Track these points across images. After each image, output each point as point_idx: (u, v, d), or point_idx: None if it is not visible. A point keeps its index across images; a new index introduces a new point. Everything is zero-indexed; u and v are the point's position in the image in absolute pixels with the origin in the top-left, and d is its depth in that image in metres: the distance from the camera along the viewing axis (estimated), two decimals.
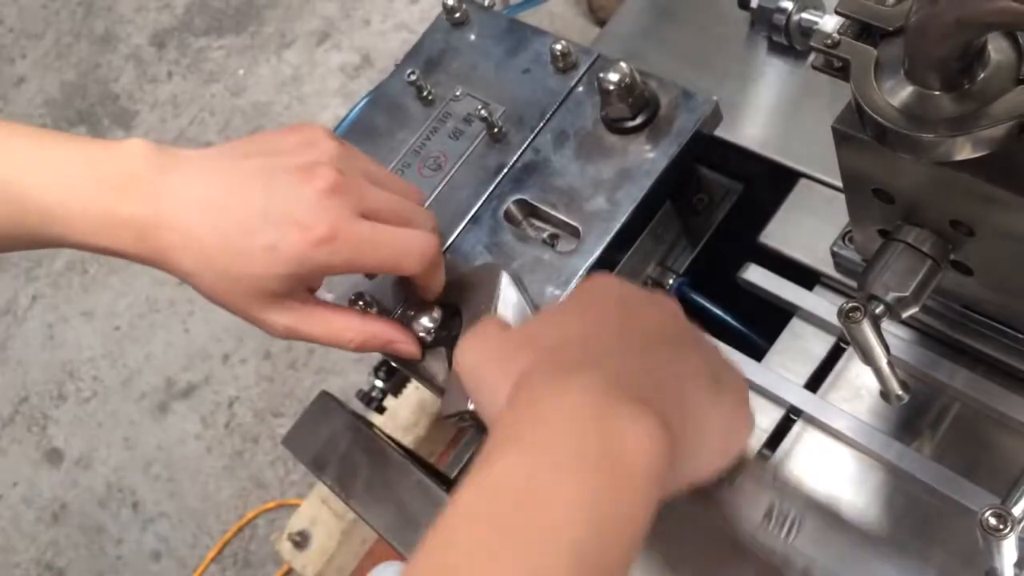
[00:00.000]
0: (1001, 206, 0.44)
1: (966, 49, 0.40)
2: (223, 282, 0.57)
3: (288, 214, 0.55)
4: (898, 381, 0.55)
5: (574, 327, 0.47)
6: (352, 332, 0.61)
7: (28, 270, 2.24)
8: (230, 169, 0.57)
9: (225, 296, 0.58)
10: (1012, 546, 0.45)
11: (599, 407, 0.40)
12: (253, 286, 0.57)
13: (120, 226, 0.56)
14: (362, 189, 0.58)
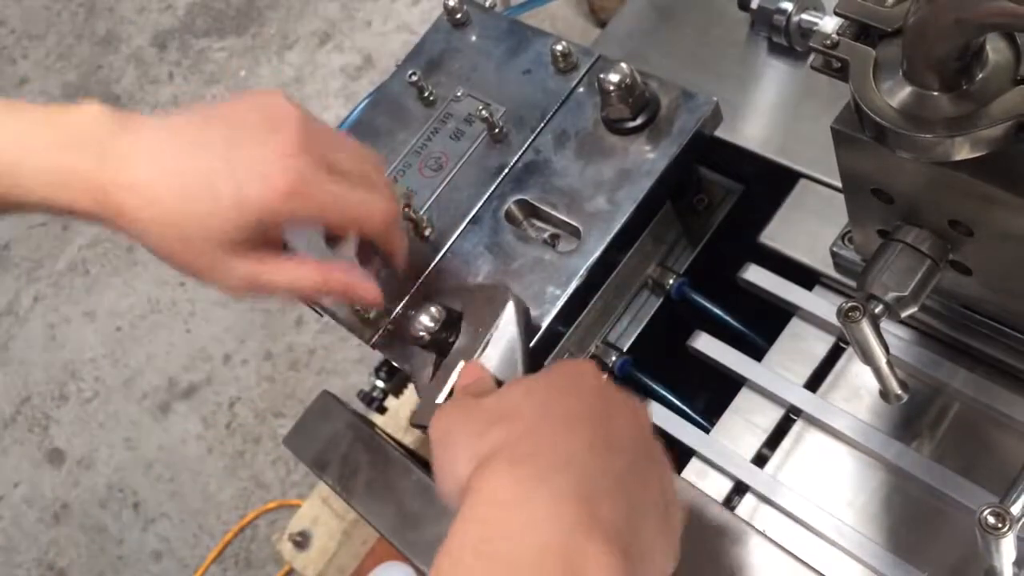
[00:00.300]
0: (999, 206, 0.44)
1: (964, 50, 0.40)
2: (181, 238, 0.56)
3: (254, 167, 0.55)
4: (897, 381, 0.55)
5: (548, 419, 0.47)
6: (310, 277, 0.60)
7: (30, 271, 2.24)
8: (190, 130, 0.57)
9: (183, 252, 0.57)
10: (1011, 545, 0.45)
11: (566, 543, 0.41)
12: (214, 238, 0.56)
13: (77, 185, 0.56)
14: (325, 148, 0.58)
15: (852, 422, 0.61)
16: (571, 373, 0.51)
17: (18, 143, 0.56)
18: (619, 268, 0.69)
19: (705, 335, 0.68)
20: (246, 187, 0.54)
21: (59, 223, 2.29)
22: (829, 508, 0.60)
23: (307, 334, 1.95)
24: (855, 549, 0.58)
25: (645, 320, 0.73)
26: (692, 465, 0.65)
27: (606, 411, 0.49)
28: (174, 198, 0.55)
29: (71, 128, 0.56)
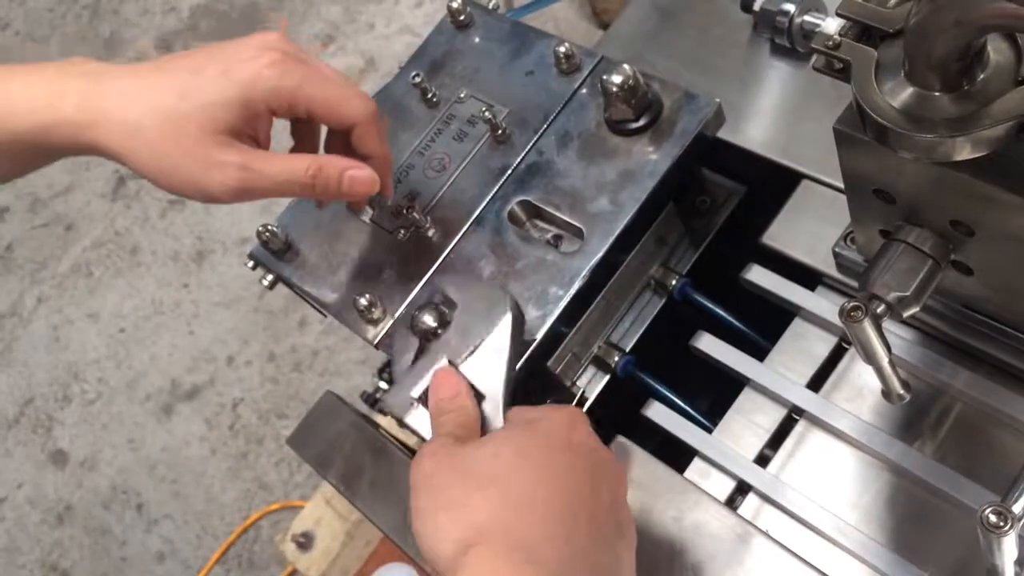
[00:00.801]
0: (1001, 206, 0.45)
1: (966, 50, 0.40)
2: (166, 141, 0.56)
3: (237, 52, 0.58)
4: (900, 381, 0.55)
5: (539, 492, 0.49)
6: (305, 164, 0.60)
7: (33, 272, 2.25)
8: (166, 59, 0.60)
9: (172, 159, 0.57)
10: (1012, 544, 0.45)
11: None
12: (201, 123, 0.56)
13: (61, 127, 0.57)
14: (305, 54, 0.60)
15: (854, 422, 0.61)
16: (562, 432, 0.53)
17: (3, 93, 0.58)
18: (622, 269, 0.69)
19: (707, 335, 0.69)
20: (230, 66, 0.57)
21: (62, 224, 2.30)
22: (831, 508, 0.60)
23: (310, 335, 1.95)
24: (857, 549, 0.58)
25: (648, 320, 0.73)
26: (695, 465, 0.65)
27: (594, 483, 0.51)
28: (159, 91, 0.57)
29: (53, 75, 0.58)
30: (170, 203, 2.25)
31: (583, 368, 0.71)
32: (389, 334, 0.68)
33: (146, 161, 0.57)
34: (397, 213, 0.72)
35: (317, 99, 0.60)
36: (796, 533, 0.60)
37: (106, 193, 2.32)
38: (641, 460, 0.64)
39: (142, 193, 2.29)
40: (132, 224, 2.25)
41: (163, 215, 2.23)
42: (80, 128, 0.57)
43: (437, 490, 0.51)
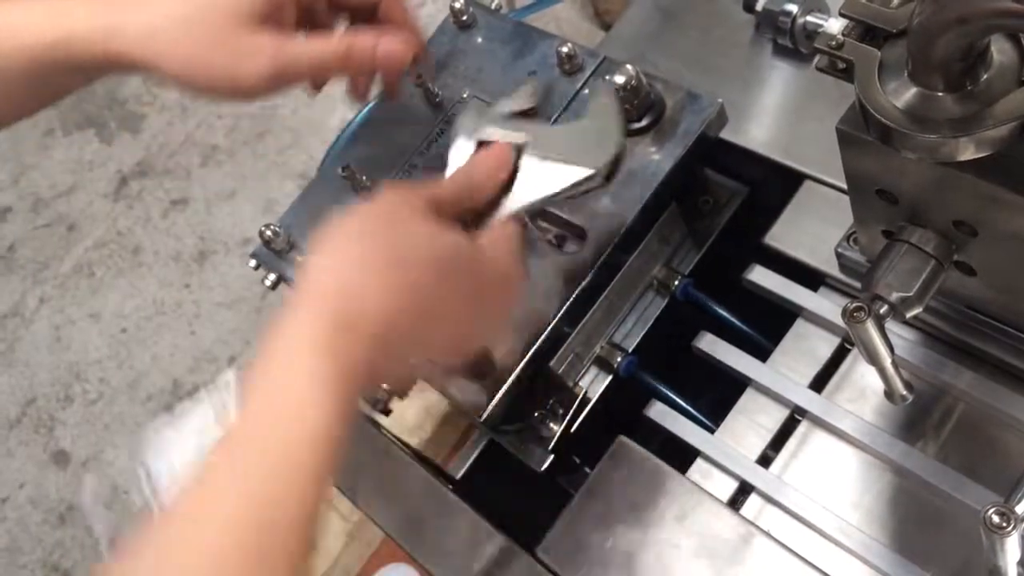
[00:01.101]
0: (1004, 206, 0.45)
1: (969, 50, 0.40)
2: (196, 35, 0.55)
3: None
4: (902, 381, 0.55)
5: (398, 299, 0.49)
6: (336, 39, 0.58)
7: (35, 272, 2.25)
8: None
9: (202, 53, 0.55)
10: (1015, 544, 0.45)
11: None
12: (227, 12, 0.55)
13: (73, 38, 0.56)
14: None
15: (857, 423, 0.61)
16: (405, 240, 0.51)
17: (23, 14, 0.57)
18: (624, 269, 0.69)
19: (710, 336, 0.69)
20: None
21: (64, 224, 2.30)
22: (834, 508, 0.60)
23: None
24: (860, 549, 0.58)
25: (650, 321, 0.73)
26: (697, 465, 0.65)
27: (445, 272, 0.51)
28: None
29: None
30: (172, 203, 2.25)
31: (585, 368, 0.71)
32: None
33: (171, 60, 0.55)
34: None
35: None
36: (798, 534, 0.60)
37: (108, 193, 2.32)
38: (643, 461, 0.64)
39: (144, 193, 2.29)
40: (134, 224, 2.25)
41: (165, 215, 2.24)
42: (95, 40, 0.55)
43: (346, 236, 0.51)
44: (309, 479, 0.44)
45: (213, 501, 0.43)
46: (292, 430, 0.44)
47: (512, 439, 0.71)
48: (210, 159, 2.28)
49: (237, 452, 0.45)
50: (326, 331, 0.46)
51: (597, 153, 0.58)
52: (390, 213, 0.52)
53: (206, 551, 0.41)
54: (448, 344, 0.54)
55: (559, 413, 0.70)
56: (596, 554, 0.61)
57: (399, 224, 0.51)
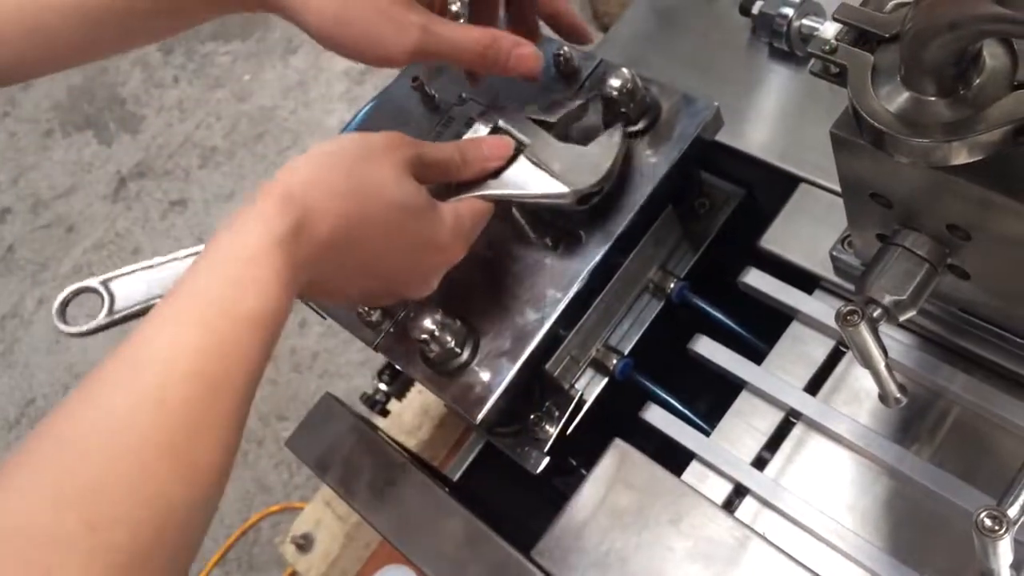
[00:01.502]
0: (997, 210, 0.45)
1: (961, 55, 0.40)
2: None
3: None
4: (896, 384, 0.55)
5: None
6: (480, 33, 0.61)
7: (35, 273, 2.25)
8: None
9: (355, 16, 0.57)
10: (1008, 547, 0.45)
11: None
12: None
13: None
14: None
15: (852, 426, 0.61)
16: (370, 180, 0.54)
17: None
18: (620, 271, 0.69)
19: (705, 338, 0.69)
20: None
21: (63, 226, 2.30)
22: (829, 511, 0.60)
23: (311, 337, 1.95)
24: (855, 552, 0.58)
25: (646, 323, 0.73)
26: (692, 468, 0.65)
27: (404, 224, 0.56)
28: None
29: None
30: (171, 204, 2.25)
31: (581, 371, 0.71)
32: (389, 339, 0.68)
33: (321, 13, 0.57)
34: None
35: None
36: (794, 536, 0.60)
37: (107, 195, 2.32)
38: (639, 463, 0.64)
39: (143, 194, 2.29)
40: (133, 225, 2.25)
41: (164, 216, 2.24)
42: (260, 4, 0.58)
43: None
44: (244, 354, 0.46)
45: (153, 345, 0.44)
46: (237, 303, 0.46)
47: (508, 441, 0.71)
48: (209, 160, 2.28)
49: (182, 304, 0.46)
50: (284, 227, 0.49)
51: (582, 179, 0.62)
52: (370, 149, 0.55)
53: (144, 394, 0.42)
54: (372, 286, 0.58)
55: (555, 415, 0.70)
56: (591, 557, 0.61)
57: (374, 161, 0.54)
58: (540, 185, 0.62)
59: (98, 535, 0.38)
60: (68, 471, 0.39)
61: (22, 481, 0.39)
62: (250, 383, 0.46)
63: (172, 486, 0.41)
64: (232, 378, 0.45)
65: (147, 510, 0.40)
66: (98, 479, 0.39)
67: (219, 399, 0.44)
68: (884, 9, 0.46)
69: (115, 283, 0.61)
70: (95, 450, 0.40)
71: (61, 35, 0.60)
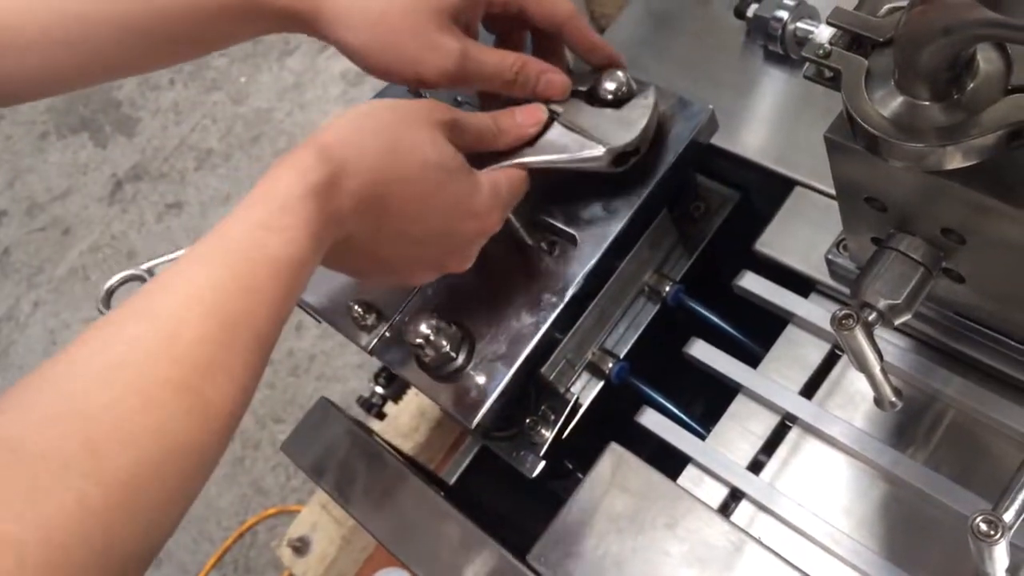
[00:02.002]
0: (991, 215, 0.45)
1: (955, 60, 0.40)
2: (392, 22, 0.58)
3: None
4: (891, 388, 0.55)
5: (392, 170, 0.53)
6: (512, 59, 0.62)
7: (30, 276, 2.25)
8: None
9: (394, 39, 0.58)
10: (1003, 552, 0.45)
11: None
12: (427, 7, 0.58)
13: (277, 13, 0.59)
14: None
15: (847, 429, 0.61)
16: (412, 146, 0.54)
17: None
18: (616, 275, 0.69)
19: (701, 342, 0.69)
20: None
21: (59, 228, 2.30)
22: (825, 515, 0.60)
23: (307, 339, 1.95)
24: (851, 556, 0.58)
25: (642, 327, 0.73)
26: (688, 472, 0.65)
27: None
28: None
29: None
30: (167, 207, 2.25)
31: (577, 375, 0.71)
32: (384, 343, 0.68)
33: (358, 33, 0.58)
34: None
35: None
36: (790, 540, 0.60)
37: (103, 197, 2.32)
38: (635, 467, 0.64)
39: (139, 197, 2.29)
40: (129, 228, 2.25)
41: (160, 219, 2.23)
42: (298, 20, 0.59)
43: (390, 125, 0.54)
44: (265, 298, 0.45)
45: (174, 281, 0.44)
46: (262, 246, 0.46)
47: (504, 445, 0.71)
48: (205, 163, 2.28)
49: (209, 246, 0.46)
50: (317, 177, 0.48)
51: (616, 138, 0.62)
52: (407, 111, 0.55)
53: (159, 327, 0.41)
54: (408, 254, 0.57)
55: (551, 419, 0.70)
56: (587, 561, 0.61)
57: (411, 122, 0.54)
58: (573, 148, 0.62)
59: (98, 459, 0.37)
60: (74, 393, 0.39)
61: (28, 397, 0.39)
62: (270, 329, 0.45)
63: (179, 422, 0.40)
64: (251, 320, 0.44)
65: (150, 440, 0.39)
66: (103, 404, 0.38)
67: (236, 340, 0.43)
68: (878, 13, 0.45)
69: (161, 270, 0.61)
70: (103, 377, 0.39)
71: (103, 49, 0.60)
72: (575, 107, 0.64)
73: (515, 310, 0.65)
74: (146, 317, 0.42)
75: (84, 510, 0.35)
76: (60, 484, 0.35)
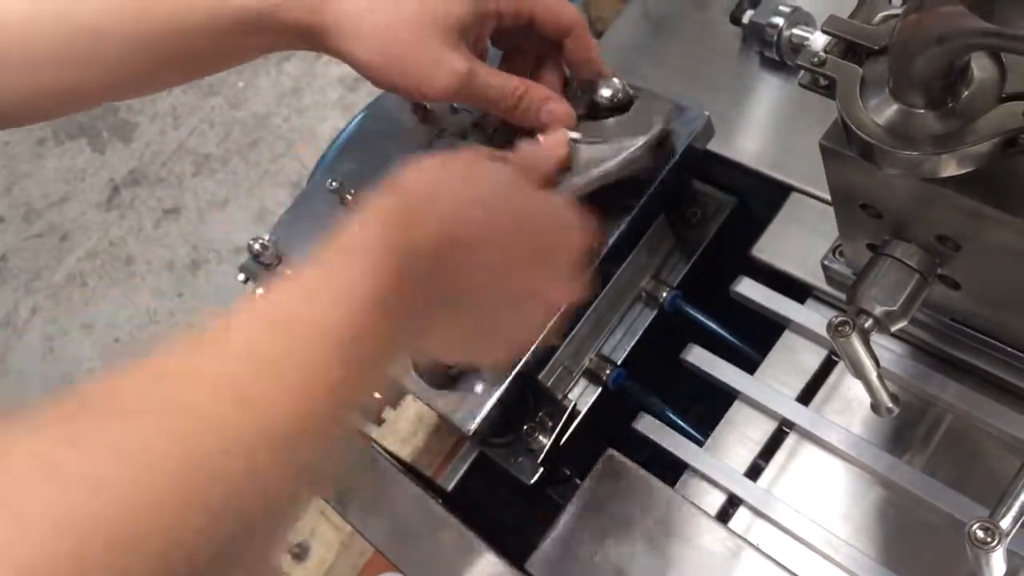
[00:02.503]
0: (986, 222, 0.45)
1: (949, 68, 0.40)
2: (398, 34, 0.57)
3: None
4: (888, 394, 0.55)
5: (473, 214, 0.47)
6: (516, 83, 0.61)
7: (28, 282, 2.24)
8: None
9: (400, 52, 0.58)
10: (1000, 558, 0.45)
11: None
12: (436, 16, 0.57)
13: (288, 28, 0.58)
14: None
15: (845, 435, 0.61)
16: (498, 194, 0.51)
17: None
18: (613, 281, 0.69)
19: (698, 348, 0.69)
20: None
21: (57, 234, 2.29)
22: (823, 521, 0.60)
23: None
24: (848, 563, 0.58)
25: (639, 333, 0.73)
26: (685, 479, 0.65)
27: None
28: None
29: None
30: (165, 212, 2.24)
31: (575, 381, 0.71)
32: None
33: (370, 46, 0.58)
34: None
35: (539, 8, 0.62)
36: (788, 547, 0.60)
37: (100, 203, 2.32)
38: (632, 473, 0.64)
39: (137, 202, 2.28)
40: (127, 234, 2.25)
41: (157, 225, 2.23)
42: (309, 9, 0.58)
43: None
44: (300, 367, 0.38)
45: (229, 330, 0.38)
46: (304, 310, 0.40)
47: (502, 452, 0.71)
48: (203, 168, 2.28)
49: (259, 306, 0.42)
50: (395, 234, 0.43)
51: (644, 127, 0.62)
52: (468, 161, 0.52)
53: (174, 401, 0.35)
54: (514, 285, 0.50)
55: (548, 426, 0.70)
56: (584, 568, 0.61)
57: (468, 160, 0.52)
58: (615, 153, 0.62)
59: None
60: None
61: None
62: (306, 415, 0.37)
63: (180, 532, 0.33)
64: (273, 399, 0.37)
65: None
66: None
67: (257, 417, 0.36)
68: (873, 21, 0.46)
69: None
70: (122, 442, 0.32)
71: (115, 66, 0.59)
72: (587, 126, 0.64)
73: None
74: (166, 392, 0.36)
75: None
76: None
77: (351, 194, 0.74)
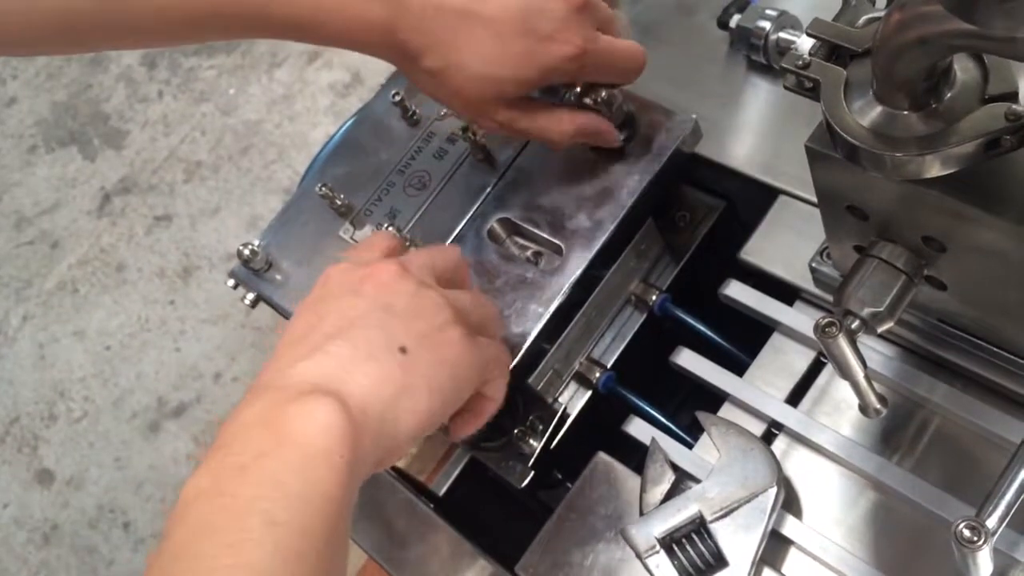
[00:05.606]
0: (970, 222, 0.45)
1: (932, 70, 0.41)
2: (468, 82, 0.59)
3: (543, 26, 0.58)
4: (876, 395, 0.56)
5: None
6: (565, 123, 0.64)
7: (18, 290, 2.24)
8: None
9: (461, 99, 0.60)
10: (987, 558, 0.45)
11: (274, 407, 0.47)
12: (495, 87, 0.59)
13: (368, 28, 0.59)
14: (599, 4, 0.62)
15: (833, 437, 0.61)
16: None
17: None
18: (602, 285, 0.70)
19: (687, 351, 0.69)
20: (534, 48, 0.58)
21: (48, 242, 2.29)
22: (812, 523, 0.60)
23: None
24: (839, 565, 0.58)
25: (629, 336, 0.73)
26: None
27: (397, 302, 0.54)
28: (466, 46, 0.58)
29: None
30: (156, 220, 2.24)
31: (565, 384, 0.71)
32: None
33: (436, 94, 0.62)
34: (377, 231, 0.72)
35: (604, 78, 0.64)
36: (779, 550, 0.60)
37: (92, 210, 2.31)
38: (622, 477, 0.65)
39: (128, 210, 2.28)
40: (118, 241, 2.24)
41: (149, 232, 2.23)
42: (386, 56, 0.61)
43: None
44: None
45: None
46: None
47: (493, 456, 0.71)
48: (194, 175, 2.28)
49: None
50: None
51: (760, 471, 0.60)
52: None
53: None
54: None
55: (539, 429, 0.70)
56: (574, 572, 0.61)
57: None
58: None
59: None
60: None
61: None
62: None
63: None
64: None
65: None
66: None
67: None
68: (857, 24, 0.46)
69: None
70: None
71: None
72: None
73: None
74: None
75: None
76: None
77: (340, 199, 0.74)
